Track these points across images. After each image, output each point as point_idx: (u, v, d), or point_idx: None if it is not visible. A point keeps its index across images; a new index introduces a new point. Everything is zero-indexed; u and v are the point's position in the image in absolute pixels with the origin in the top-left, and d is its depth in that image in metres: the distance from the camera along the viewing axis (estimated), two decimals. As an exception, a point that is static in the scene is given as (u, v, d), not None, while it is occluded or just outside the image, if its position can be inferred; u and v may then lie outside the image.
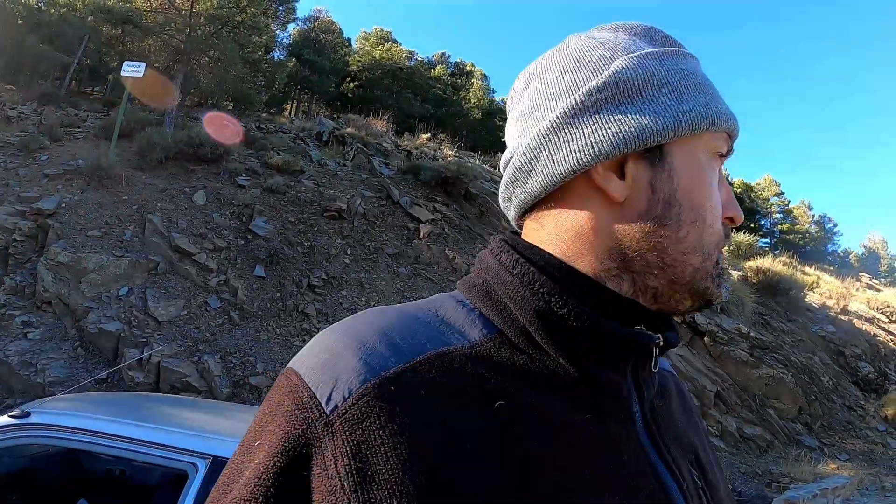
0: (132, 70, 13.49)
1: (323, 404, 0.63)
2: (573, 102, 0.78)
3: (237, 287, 8.82)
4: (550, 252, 0.79)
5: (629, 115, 0.77)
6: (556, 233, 0.80)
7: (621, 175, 0.78)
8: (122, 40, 18.36)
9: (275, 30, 22.98)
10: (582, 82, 0.79)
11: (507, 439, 0.65)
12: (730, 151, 0.83)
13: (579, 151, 0.77)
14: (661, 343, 0.79)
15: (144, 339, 7.46)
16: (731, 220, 0.82)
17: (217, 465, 2.43)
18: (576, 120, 0.78)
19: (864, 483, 11.13)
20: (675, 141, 0.78)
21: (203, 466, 2.44)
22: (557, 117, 0.79)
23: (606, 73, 0.79)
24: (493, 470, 0.62)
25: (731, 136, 0.83)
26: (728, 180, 0.92)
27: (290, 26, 28.52)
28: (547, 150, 0.80)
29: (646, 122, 0.76)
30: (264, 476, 0.63)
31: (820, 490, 9.28)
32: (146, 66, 14.07)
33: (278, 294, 9.19)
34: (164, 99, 17.51)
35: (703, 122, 0.77)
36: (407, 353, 0.67)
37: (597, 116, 0.78)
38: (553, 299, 0.72)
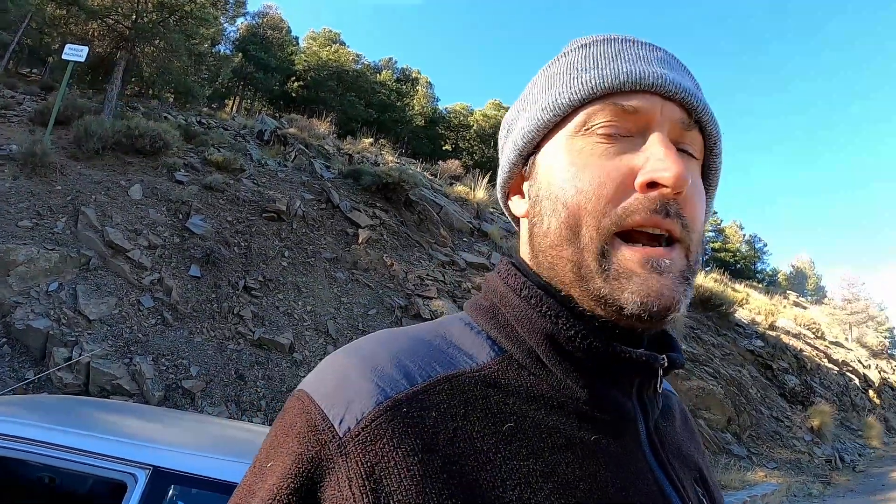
0: (74, 53, 13.16)
1: (336, 426, 0.64)
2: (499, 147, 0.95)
3: (171, 286, 8.61)
4: (527, 263, 0.84)
5: (509, 146, 0.89)
6: (521, 247, 0.89)
7: (523, 193, 0.88)
8: (66, 21, 17.83)
9: (223, 23, 22.60)
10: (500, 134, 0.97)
11: (517, 460, 0.66)
12: (631, 109, 0.76)
13: (499, 189, 0.94)
14: (666, 364, 0.79)
15: (74, 339, 7.21)
16: (653, 186, 0.73)
17: (157, 475, 2.37)
18: (500, 164, 0.93)
19: (792, 490, 11.76)
20: (541, 143, 0.83)
21: (143, 477, 2.36)
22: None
23: (505, 119, 0.94)
24: (504, 490, 0.64)
25: (617, 98, 0.77)
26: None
27: (239, 20, 28.12)
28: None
29: (510, 149, 0.88)
30: (278, 497, 0.64)
31: (749, 497, 9.74)
32: (89, 51, 13.76)
33: (213, 295, 9.02)
34: (105, 86, 17.13)
35: (546, 113, 0.81)
36: (417, 377, 0.69)
37: (500, 158, 0.93)
38: (561, 321, 0.74)
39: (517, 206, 0.90)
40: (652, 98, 0.76)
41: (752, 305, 27.36)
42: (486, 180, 20.32)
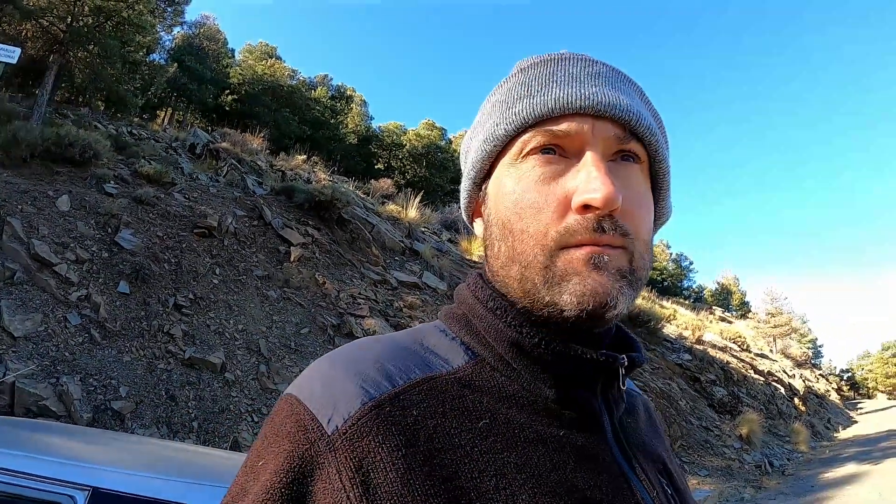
0: (5, 55, 12.80)
1: (325, 425, 0.69)
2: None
3: (99, 303, 8.41)
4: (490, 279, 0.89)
5: (465, 175, 0.96)
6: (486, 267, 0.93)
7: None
8: None
9: (159, 31, 22.29)
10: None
11: (493, 453, 0.71)
12: (561, 133, 0.80)
13: (463, 211, 1.01)
14: (626, 363, 0.84)
15: None
16: (588, 208, 0.76)
17: (97, 496, 2.36)
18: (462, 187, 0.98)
19: (725, 495, 12.07)
20: (490, 170, 0.89)
21: (82, 499, 2.35)
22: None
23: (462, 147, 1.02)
24: (481, 481, 0.68)
25: (549, 124, 0.81)
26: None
27: (176, 29, 27.74)
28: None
29: (466, 176, 0.95)
30: (272, 492, 0.67)
31: None
32: (21, 52, 13.43)
33: (143, 313, 8.83)
34: (35, 90, 16.73)
35: (487, 145, 0.87)
36: (398, 379, 0.74)
37: (462, 182, 0.98)
38: (524, 330, 0.79)
39: (478, 228, 0.97)
40: (583, 119, 0.80)
41: (679, 321, 28.08)
42: (417, 199, 20.44)
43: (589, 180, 0.75)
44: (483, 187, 0.92)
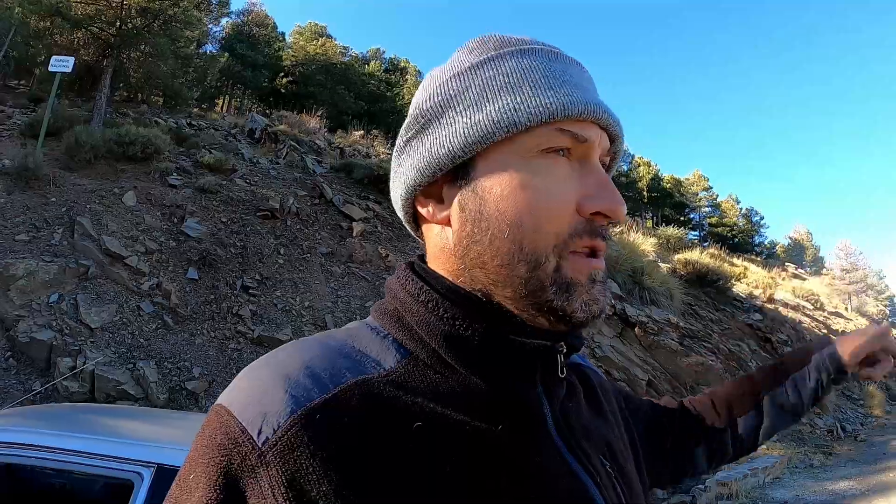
0: (60, 65, 13.18)
1: (255, 437, 0.66)
2: (399, 143, 0.90)
3: (170, 290, 8.72)
4: (437, 268, 0.86)
5: (426, 145, 0.84)
6: (432, 251, 0.89)
7: (442, 199, 0.86)
8: (50, 32, 17.80)
9: (207, 24, 22.57)
10: (404, 126, 0.90)
11: (427, 458, 0.69)
12: (583, 139, 0.80)
13: (400, 187, 0.90)
14: (564, 350, 0.82)
15: (77, 347, 7.31)
16: (600, 215, 0.78)
17: (161, 472, 2.46)
18: (399, 158, 0.90)
19: (794, 462, 11.73)
20: (483, 154, 0.81)
21: (148, 475, 2.46)
22: (394, 158, 0.92)
23: (414, 111, 0.88)
24: (417, 488, 0.66)
25: (570, 126, 0.79)
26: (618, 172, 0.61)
27: (223, 20, 28.00)
28: (392, 184, 0.94)
29: (436, 148, 0.83)
30: None
31: (751, 470, 9.73)
32: (75, 61, 13.81)
33: (212, 297, 9.12)
34: (93, 94, 17.17)
35: (498, 128, 0.78)
36: (328, 384, 0.70)
37: (406, 153, 0.88)
38: (457, 322, 0.77)
39: (433, 211, 0.87)
40: (595, 128, 0.81)
41: (749, 279, 27.38)
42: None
43: (610, 192, 0.78)
44: (468, 169, 0.82)
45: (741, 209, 61.61)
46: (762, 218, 63.58)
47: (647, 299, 15.62)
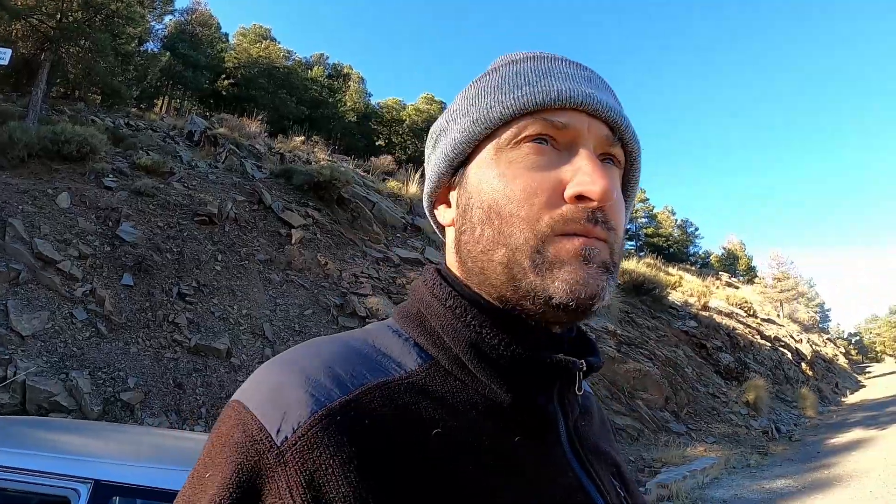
0: (-3, 56, 12.91)
1: (273, 436, 0.65)
2: (425, 163, 0.99)
3: (104, 297, 8.55)
4: (450, 268, 0.90)
5: (436, 157, 0.93)
6: (446, 253, 0.93)
7: (450, 203, 0.93)
8: None
9: (150, 21, 22.22)
10: (426, 146, 1.00)
11: (444, 464, 0.68)
12: (560, 125, 0.80)
13: (426, 199, 0.98)
14: (584, 368, 0.83)
15: (7, 357, 7.12)
16: (582, 199, 0.77)
17: (99, 488, 2.48)
18: (425, 176, 0.98)
19: (731, 462, 12.18)
20: (472, 154, 0.87)
21: (85, 491, 2.48)
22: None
23: (431, 132, 0.98)
24: (434, 494, 0.66)
25: (547, 114, 0.81)
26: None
27: (167, 18, 27.59)
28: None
29: (440, 157, 0.91)
30: None
31: (689, 472, 10.13)
32: (12, 53, 13.46)
33: (147, 304, 8.97)
34: (29, 89, 16.76)
35: (478, 126, 0.84)
36: (349, 385, 0.71)
37: (427, 168, 0.97)
38: (484, 331, 0.78)
39: (443, 215, 0.94)
40: (580, 115, 0.81)
41: (685, 288, 28.13)
42: (418, 175, 20.52)
43: (587, 173, 0.77)
44: (459, 171, 0.90)
45: (676, 220, 63.22)
46: (697, 229, 65.33)
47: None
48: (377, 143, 38.73)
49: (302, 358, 0.74)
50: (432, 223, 1.00)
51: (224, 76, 33.46)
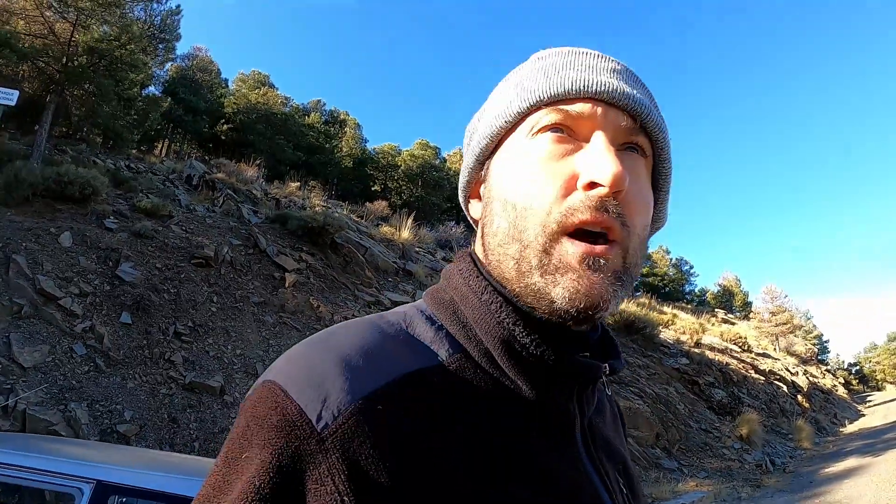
0: (4, 98, 13.17)
1: (314, 422, 0.65)
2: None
3: (103, 334, 8.81)
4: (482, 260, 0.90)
5: (468, 153, 0.96)
6: (476, 246, 0.95)
7: (480, 197, 0.95)
8: None
9: (152, 67, 22.68)
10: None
11: (472, 455, 0.70)
12: (575, 114, 0.81)
13: (461, 194, 1.03)
14: (607, 371, 0.85)
15: (9, 386, 7.36)
16: (593, 185, 0.76)
17: (100, 487, 2.88)
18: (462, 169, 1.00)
19: (721, 495, 12.14)
20: (496, 148, 0.90)
21: (88, 490, 2.88)
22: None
23: (468, 129, 1.01)
24: (463, 481, 0.68)
25: (563, 104, 0.82)
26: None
27: (168, 65, 28.09)
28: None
29: (469, 156, 0.95)
30: (261, 491, 0.64)
31: None
32: (19, 94, 13.79)
33: (145, 341, 9.22)
34: (33, 128, 17.09)
35: (499, 119, 0.87)
36: (387, 373, 0.71)
37: (462, 166, 0.99)
38: (517, 330, 0.78)
39: (475, 209, 0.97)
40: (596, 104, 0.80)
41: (678, 325, 28.18)
42: (410, 220, 20.86)
43: (598, 159, 0.76)
44: (486, 165, 0.92)
45: (671, 259, 63.53)
46: (692, 267, 65.61)
47: None
48: (373, 189, 39.05)
49: (340, 340, 0.75)
50: (469, 218, 1.02)
51: (223, 121, 33.79)
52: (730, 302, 68.18)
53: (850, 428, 28.72)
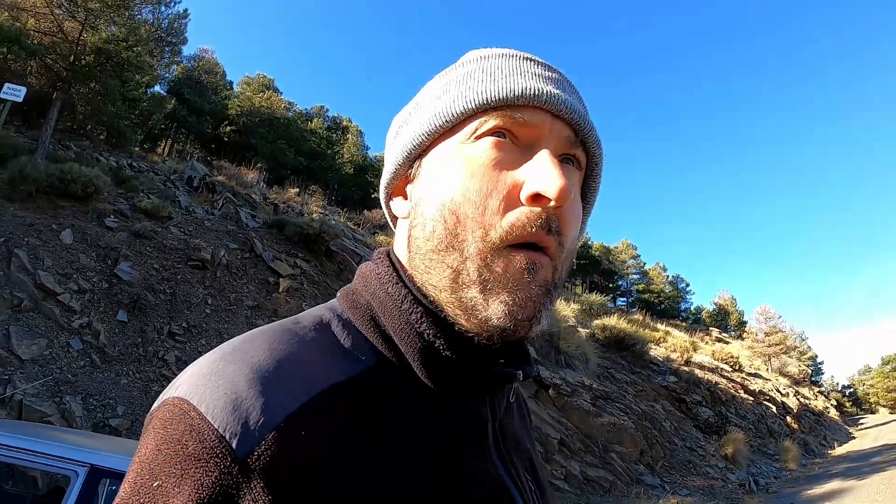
0: (12, 93, 13.42)
1: (235, 448, 0.60)
2: (385, 151, 0.96)
3: (99, 330, 9.04)
4: (403, 262, 0.85)
5: (396, 147, 0.90)
6: (396, 246, 0.91)
7: (406, 195, 0.90)
8: (5, 58, 17.92)
9: (158, 69, 22.85)
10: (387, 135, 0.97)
11: (395, 464, 0.67)
12: (521, 120, 0.78)
13: (382, 189, 0.96)
14: (521, 378, 0.84)
15: (7, 377, 7.56)
16: (539, 198, 0.74)
17: (93, 471, 3.19)
18: (385, 166, 0.95)
19: None
20: (432, 145, 0.84)
21: (82, 473, 3.18)
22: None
23: (395, 122, 0.96)
24: (382, 493, 0.65)
25: (507, 109, 0.79)
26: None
27: (173, 67, 28.25)
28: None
29: (399, 147, 0.89)
30: None
31: None
32: (26, 91, 14.01)
33: (140, 339, 9.43)
34: (39, 122, 17.26)
35: (439, 119, 0.82)
36: (309, 387, 0.67)
37: (387, 159, 0.94)
38: (438, 342, 0.76)
39: (399, 207, 0.91)
40: (543, 114, 0.79)
41: (669, 343, 28.11)
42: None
43: (545, 172, 0.74)
44: (417, 163, 0.87)
45: (668, 276, 63.84)
46: (688, 285, 66.04)
47: (563, 362, 16.23)
48: (373, 196, 39.15)
49: (256, 352, 0.69)
50: (386, 215, 0.98)
51: (227, 123, 33.96)
52: (725, 321, 68.47)
53: (839, 450, 28.68)
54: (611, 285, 55.15)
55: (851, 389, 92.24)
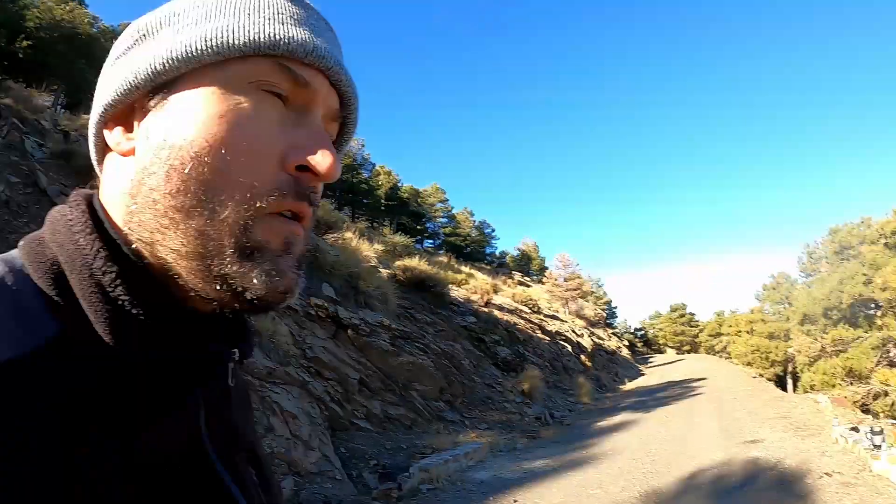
0: None
1: None
2: (107, 63, 0.76)
3: None
4: (108, 211, 0.71)
5: (132, 61, 0.71)
6: (105, 191, 0.74)
7: (132, 127, 0.72)
8: None
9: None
10: (116, 42, 0.76)
11: (71, 472, 0.54)
12: (303, 83, 0.70)
13: (94, 111, 0.74)
14: (237, 357, 0.76)
15: None
16: (307, 172, 0.69)
17: None
18: (101, 80, 0.75)
19: (498, 446, 12.82)
20: (189, 76, 0.68)
21: None
22: (98, 81, 0.76)
23: (131, 27, 0.74)
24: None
25: (292, 64, 0.69)
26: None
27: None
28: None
29: (138, 64, 0.69)
30: None
31: (452, 456, 10.62)
32: None
33: None
34: None
35: (208, 46, 0.67)
36: None
37: (110, 74, 0.73)
38: (136, 311, 0.64)
39: (119, 140, 0.72)
40: (322, 79, 0.73)
41: (471, 285, 29.05)
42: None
43: (319, 145, 0.69)
44: (162, 94, 0.69)
45: (475, 221, 65.82)
46: (493, 230, 68.36)
47: (363, 303, 16.44)
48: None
49: None
50: (92, 145, 0.79)
51: (23, 36, 30.77)
52: (528, 266, 72.79)
53: (629, 385, 31.66)
54: (419, 227, 55.99)
55: (643, 332, 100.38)
